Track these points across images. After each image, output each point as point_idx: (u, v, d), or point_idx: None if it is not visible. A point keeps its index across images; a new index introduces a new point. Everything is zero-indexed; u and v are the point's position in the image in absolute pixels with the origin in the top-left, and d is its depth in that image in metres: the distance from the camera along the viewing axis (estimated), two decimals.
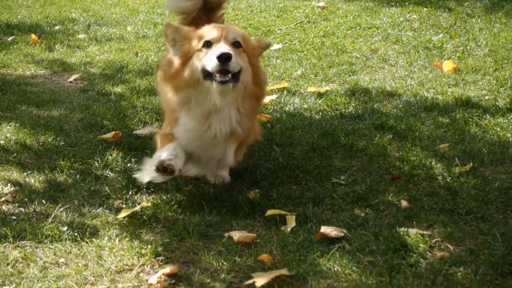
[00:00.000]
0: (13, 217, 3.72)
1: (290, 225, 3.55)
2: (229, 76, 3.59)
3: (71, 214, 3.73)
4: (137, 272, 3.16)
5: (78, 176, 4.24)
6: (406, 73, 6.06)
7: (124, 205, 3.85)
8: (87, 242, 3.44)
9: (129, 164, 4.38)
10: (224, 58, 3.54)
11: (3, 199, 3.94)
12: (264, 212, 3.66)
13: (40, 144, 4.79)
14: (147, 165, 3.81)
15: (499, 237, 3.26)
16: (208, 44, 3.68)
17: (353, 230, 3.47)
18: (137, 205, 3.80)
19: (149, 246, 3.35)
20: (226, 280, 3.06)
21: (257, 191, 3.93)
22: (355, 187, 3.93)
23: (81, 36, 8.42)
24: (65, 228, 3.54)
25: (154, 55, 7.23)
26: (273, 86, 5.89)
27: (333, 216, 3.65)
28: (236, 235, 3.41)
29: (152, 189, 4.05)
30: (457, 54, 6.43)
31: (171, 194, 3.95)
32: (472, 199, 3.69)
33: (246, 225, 3.59)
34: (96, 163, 4.41)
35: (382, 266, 3.10)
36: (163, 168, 3.66)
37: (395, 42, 7.05)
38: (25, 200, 3.93)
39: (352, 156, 4.39)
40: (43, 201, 3.91)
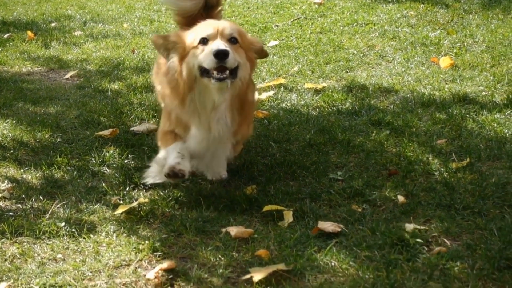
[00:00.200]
0: (11, 213, 3.73)
1: (287, 221, 3.55)
2: (227, 73, 3.54)
3: (69, 210, 3.73)
4: (135, 268, 3.17)
5: (75, 173, 4.24)
6: (403, 69, 6.07)
7: (122, 201, 3.85)
8: (85, 238, 3.44)
9: (126, 161, 4.38)
10: (221, 55, 3.49)
11: (0, 196, 3.94)
12: (261, 208, 3.67)
13: (37, 141, 4.79)
14: (154, 169, 3.81)
15: (496, 232, 3.26)
16: (204, 41, 3.62)
17: (350, 226, 3.47)
18: (135, 201, 3.80)
19: (147, 242, 3.35)
20: (224, 275, 3.07)
21: (254, 187, 3.93)
22: (352, 183, 3.93)
23: (77, 33, 8.41)
24: (63, 224, 3.54)
25: (151, 52, 7.22)
26: (270, 83, 5.89)
27: (330, 212, 3.65)
28: (234, 231, 3.42)
29: (149, 185, 4.05)
30: (454, 50, 6.44)
31: (168, 190, 3.94)
32: (469, 194, 3.70)
33: (244, 221, 3.60)
34: (93, 160, 4.41)
35: (379, 261, 3.10)
36: (174, 174, 3.65)
37: (392, 39, 7.05)
38: (23, 197, 3.93)
39: (349, 152, 4.40)
40: (41, 198, 3.91)
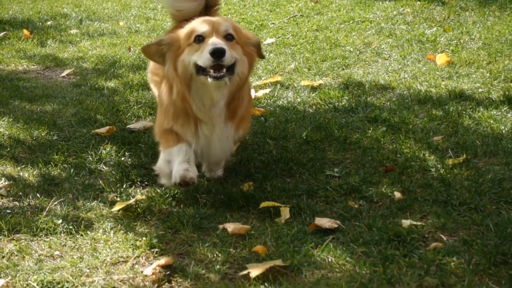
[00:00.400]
0: (8, 211, 3.72)
1: (284, 217, 3.55)
2: (224, 71, 3.49)
3: (66, 208, 3.72)
4: (132, 264, 3.17)
5: (72, 170, 4.24)
6: (400, 67, 6.08)
7: (119, 198, 3.85)
8: (82, 235, 3.44)
9: (123, 158, 4.38)
10: (218, 53, 3.42)
11: None
12: (258, 204, 3.67)
13: (34, 139, 4.78)
14: (164, 175, 3.77)
15: (492, 228, 3.27)
16: (200, 39, 3.56)
17: (347, 222, 3.48)
18: (132, 198, 3.80)
19: (144, 238, 3.35)
20: (221, 271, 3.07)
21: (251, 184, 3.93)
22: (349, 179, 3.94)
23: (73, 31, 8.41)
24: (60, 221, 3.54)
25: None
26: (267, 80, 5.90)
27: (327, 208, 3.66)
28: (231, 227, 3.42)
29: (146, 182, 4.06)
30: (451, 48, 6.45)
31: (165, 187, 3.94)
32: (466, 190, 3.70)
33: (240, 217, 3.60)
34: (90, 157, 4.41)
35: (376, 257, 3.11)
36: (185, 183, 3.62)
37: (389, 36, 7.06)
38: (20, 194, 3.93)
39: (346, 149, 4.40)
40: (38, 195, 3.91)
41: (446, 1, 8.10)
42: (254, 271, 2.97)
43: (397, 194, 3.73)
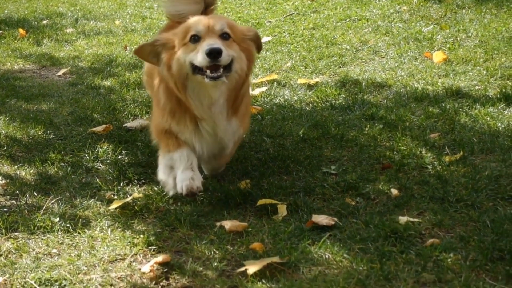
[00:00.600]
0: (5, 209, 3.72)
1: (281, 214, 3.56)
2: (221, 71, 3.43)
3: (63, 206, 3.72)
4: (130, 262, 3.17)
5: (69, 169, 4.24)
6: (396, 64, 6.08)
7: (116, 196, 3.85)
8: (79, 233, 3.44)
9: (120, 157, 4.38)
10: (215, 54, 3.37)
11: None
12: (255, 202, 3.67)
13: (30, 138, 4.78)
14: (169, 186, 3.70)
15: (489, 224, 3.28)
16: (195, 38, 3.50)
17: (344, 219, 3.48)
18: (129, 196, 3.80)
19: (141, 236, 3.36)
20: (219, 268, 3.08)
21: (248, 181, 3.93)
22: (346, 177, 3.94)
23: (69, 30, 8.40)
24: (57, 219, 3.54)
25: None
26: (263, 78, 5.90)
27: (324, 205, 3.66)
28: (228, 224, 3.42)
29: (144, 180, 4.06)
30: (447, 45, 6.46)
31: (162, 185, 3.94)
32: (462, 187, 3.71)
33: (238, 215, 3.60)
34: (87, 156, 4.41)
35: (373, 253, 3.12)
36: (192, 194, 3.59)
37: (385, 34, 7.07)
38: (17, 193, 3.93)
39: (343, 146, 4.41)
40: (35, 193, 3.90)
41: None
42: (252, 268, 2.97)
43: (394, 191, 3.74)
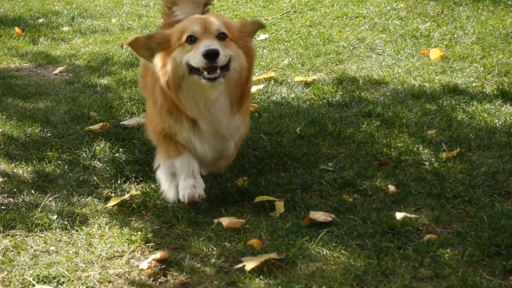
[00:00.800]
0: (3, 207, 3.73)
1: (279, 211, 3.56)
2: (218, 72, 3.37)
3: (60, 204, 3.72)
4: (128, 259, 3.17)
5: (66, 167, 4.23)
6: (393, 62, 6.09)
7: (113, 194, 3.85)
8: (77, 230, 3.44)
9: (117, 154, 4.38)
10: (212, 55, 3.31)
11: None
12: (253, 199, 3.67)
13: (27, 136, 4.77)
14: (171, 194, 3.68)
15: (486, 220, 3.28)
16: (192, 39, 3.43)
17: (341, 215, 3.49)
18: (126, 194, 3.80)
19: (139, 233, 3.36)
20: (216, 265, 3.08)
21: (246, 179, 3.93)
22: (343, 173, 3.94)
23: (65, 29, 8.39)
24: (55, 217, 3.54)
25: None
26: (260, 76, 5.90)
27: (322, 202, 3.66)
28: (225, 221, 3.42)
29: (141, 178, 4.06)
30: (444, 42, 6.46)
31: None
32: (459, 184, 3.72)
33: (235, 212, 3.61)
34: (84, 154, 4.41)
35: (370, 249, 3.12)
36: (194, 203, 3.57)
37: (382, 31, 7.07)
38: (14, 191, 3.93)
39: (340, 143, 4.41)
40: (32, 191, 3.90)
41: None
42: (249, 264, 2.98)
43: (391, 188, 3.74)
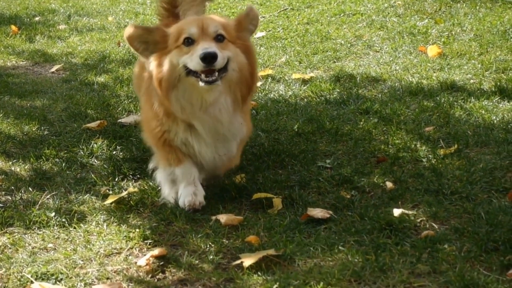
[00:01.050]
0: (0, 205, 3.71)
1: (277, 208, 3.56)
2: (216, 75, 3.33)
3: (58, 201, 3.72)
4: (126, 255, 3.17)
5: (64, 164, 4.23)
6: (391, 59, 6.09)
7: (111, 191, 3.85)
8: (75, 228, 3.44)
9: (115, 152, 4.38)
10: (210, 59, 3.27)
11: None
12: (251, 196, 3.67)
13: (25, 134, 4.77)
14: (171, 197, 3.68)
15: (484, 216, 3.29)
16: (189, 41, 3.39)
17: (339, 212, 3.49)
18: (124, 191, 3.80)
19: (137, 230, 3.36)
20: (214, 261, 3.08)
21: (243, 176, 3.93)
22: (341, 170, 3.94)
23: (62, 27, 8.37)
24: (53, 214, 3.54)
25: None
26: (258, 73, 5.89)
27: (319, 199, 3.67)
28: (223, 218, 3.42)
29: (139, 176, 4.06)
30: (442, 39, 6.47)
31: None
32: (457, 180, 3.72)
33: (233, 209, 3.61)
34: (82, 152, 4.40)
35: (368, 245, 3.12)
36: (195, 210, 3.56)
37: (380, 28, 7.07)
38: (12, 188, 3.92)
39: (337, 140, 4.41)
40: (30, 189, 3.90)
41: None
42: (247, 261, 2.98)
43: (389, 184, 3.74)
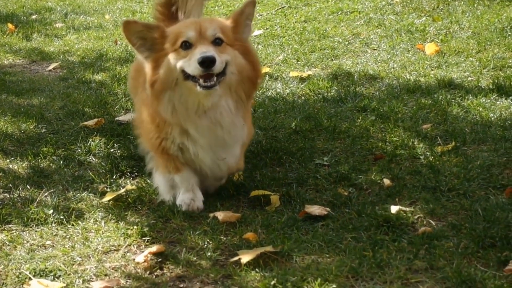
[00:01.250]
0: None
1: (274, 205, 3.57)
2: (214, 80, 3.28)
3: (56, 198, 3.72)
4: (124, 252, 3.18)
5: (62, 162, 4.23)
6: (389, 57, 6.10)
7: (109, 189, 3.85)
8: (73, 225, 3.44)
9: (112, 150, 4.38)
10: (208, 63, 3.22)
11: None
12: (248, 193, 3.68)
13: (22, 132, 4.77)
14: (163, 192, 3.67)
15: (481, 212, 3.29)
16: (187, 45, 3.34)
17: (337, 209, 3.49)
18: (122, 189, 3.80)
19: (135, 227, 3.36)
20: (212, 258, 3.09)
21: (241, 173, 3.93)
22: (338, 168, 3.95)
23: (59, 25, 8.36)
24: (51, 212, 3.54)
25: None
26: None
27: (317, 196, 3.67)
28: (221, 215, 3.43)
29: (136, 173, 4.06)
30: (440, 37, 6.47)
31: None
32: (454, 177, 3.73)
33: (231, 206, 3.61)
34: (79, 149, 4.40)
35: (366, 242, 3.13)
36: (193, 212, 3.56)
37: (378, 26, 7.08)
38: (10, 186, 3.92)
39: (335, 138, 4.42)
40: (28, 186, 3.90)
41: None
42: (245, 257, 2.99)
43: (386, 181, 3.75)
